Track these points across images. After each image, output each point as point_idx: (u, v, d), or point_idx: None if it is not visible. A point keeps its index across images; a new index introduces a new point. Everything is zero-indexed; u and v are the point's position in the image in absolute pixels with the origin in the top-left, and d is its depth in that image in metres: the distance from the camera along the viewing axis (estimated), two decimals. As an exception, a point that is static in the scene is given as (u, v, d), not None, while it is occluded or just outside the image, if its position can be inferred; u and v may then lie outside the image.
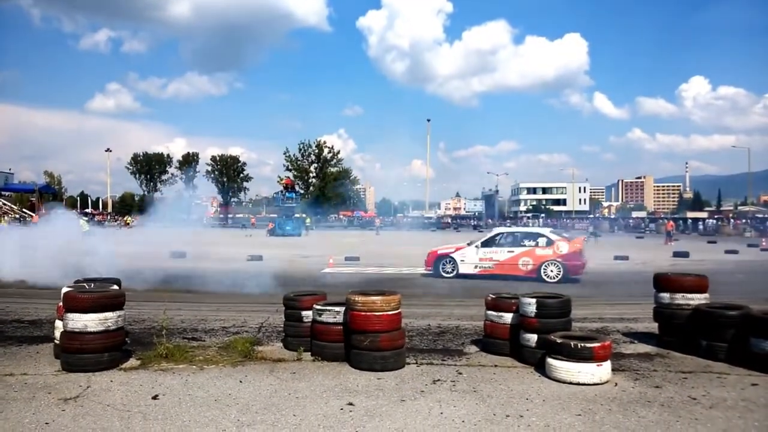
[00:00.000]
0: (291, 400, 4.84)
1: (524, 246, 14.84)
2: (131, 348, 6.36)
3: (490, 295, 6.71)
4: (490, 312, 6.61)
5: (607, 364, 5.34)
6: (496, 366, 6.02)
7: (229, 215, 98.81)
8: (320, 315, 6.18)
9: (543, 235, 15.20)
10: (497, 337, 6.49)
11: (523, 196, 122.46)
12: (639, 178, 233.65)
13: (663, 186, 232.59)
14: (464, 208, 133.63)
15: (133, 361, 6.00)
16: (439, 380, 5.46)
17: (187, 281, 14.04)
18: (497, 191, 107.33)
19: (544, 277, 14.17)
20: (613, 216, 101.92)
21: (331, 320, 6.13)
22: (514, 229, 18.54)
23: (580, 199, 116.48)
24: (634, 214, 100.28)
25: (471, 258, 15.25)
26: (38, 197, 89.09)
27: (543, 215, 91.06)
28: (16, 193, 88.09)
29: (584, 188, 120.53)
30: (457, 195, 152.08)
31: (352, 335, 5.86)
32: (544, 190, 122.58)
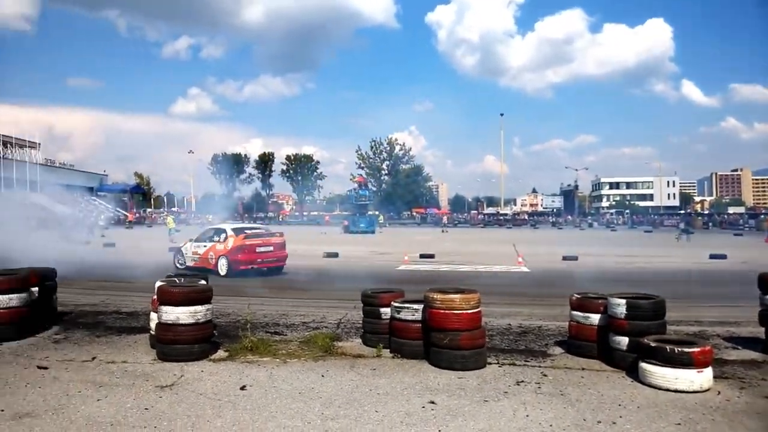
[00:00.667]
0: (372, 396, 4.86)
1: (213, 241, 15.49)
2: (219, 340, 6.63)
3: (575, 295, 6.45)
4: (575, 312, 6.35)
5: (708, 371, 4.98)
6: (583, 369, 5.77)
7: (304, 213, 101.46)
8: (399, 312, 6.18)
9: (224, 231, 15.68)
10: (583, 339, 6.24)
11: (606, 191, 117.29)
12: (735, 170, 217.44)
13: (763, 179, 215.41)
14: (541, 205, 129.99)
15: (221, 353, 6.25)
16: (522, 381, 5.31)
17: (267, 278, 14.49)
18: (576, 186, 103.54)
19: (219, 271, 14.68)
20: (706, 212, 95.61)
21: (410, 318, 6.10)
22: (216, 225, 18.97)
23: (668, 194, 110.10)
24: (731, 210, 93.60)
25: (188, 251, 16.07)
26: (130, 197, 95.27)
27: (627, 211, 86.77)
28: (110, 193, 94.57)
29: (673, 182, 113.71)
30: (534, 191, 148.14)
31: (431, 333, 5.82)
32: (628, 185, 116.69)
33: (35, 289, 7.49)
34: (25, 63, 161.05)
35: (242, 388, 5.06)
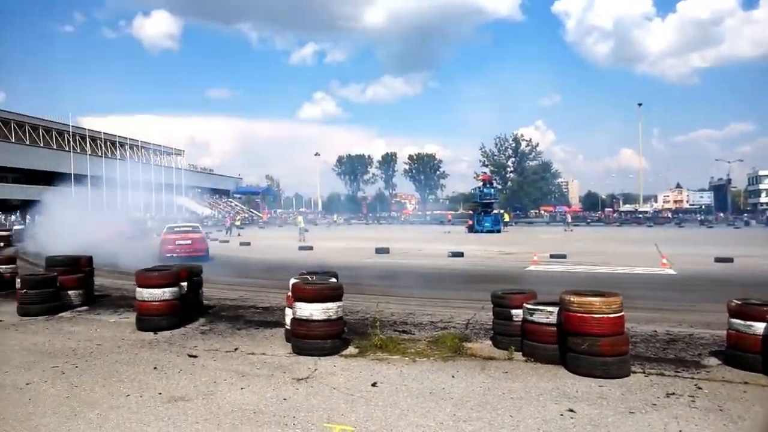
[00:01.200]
0: (506, 400, 4.68)
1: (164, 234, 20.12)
2: (348, 337, 6.79)
3: (734, 301, 5.75)
4: (734, 320, 5.66)
5: None
6: (745, 383, 5.12)
7: (427, 212, 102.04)
8: (531, 314, 5.91)
9: (166, 227, 20.85)
10: (745, 350, 5.54)
11: (765, 185, 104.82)
12: None
13: None
14: (687, 201, 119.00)
15: (351, 349, 6.39)
16: (673, 394, 4.82)
17: (393, 276, 14.69)
18: (729, 181, 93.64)
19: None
20: None
21: (544, 320, 5.81)
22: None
23: None
24: None
25: None
26: (262, 198, 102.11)
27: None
28: (244, 195, 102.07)
29: None
30: (678, 186, 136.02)
31: (567, 337, 5.49)
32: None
33: (184, 284, 8.21)
34: (171, 77, 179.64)
35: (373, 384, 5.12)
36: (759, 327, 5.42)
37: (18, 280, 9.06)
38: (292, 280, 6.70)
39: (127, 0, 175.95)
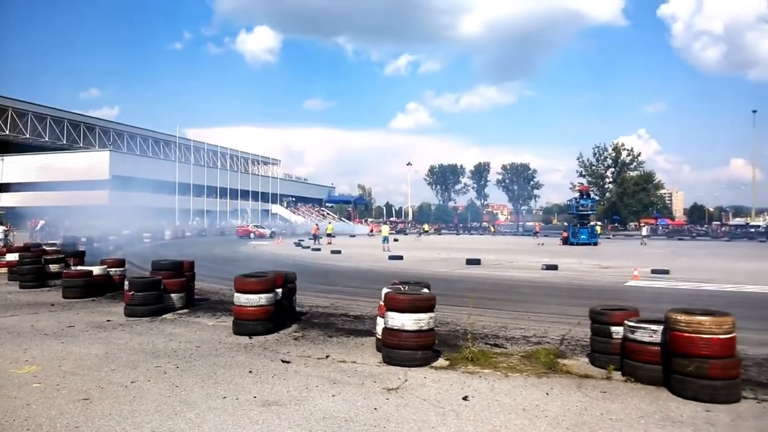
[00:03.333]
0: (604, 421, 4.49)
1: None
2: (439, 348, 6.77)
3: None
4: None
5: None
6: None
7: (520, 223, 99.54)
8: (633, 332, 5.63)
9: None
10: None
11: None
12: None
13: None
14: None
15: (441, 361, 6.38)
16: (791, 424, 4.41)
17: (484, 288, 14.48)
18: None
19: None
20: None
21: (647, 339, 5.51)
22: None
23: None
24: None
25: None
26: (354, 207, 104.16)
27: None
28: (336, 204, 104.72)
29: None
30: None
31: (672, 358, 5.18)
32: None
33: (279, 290, 8.50)
34: (269, 89, 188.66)
35: (464, 398, 5.08)
36: None
37: (126, 283, 9.73)
38: (385, 290, 6.79)
39: (232, 17, 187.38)
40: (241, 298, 7.94)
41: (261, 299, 7.91)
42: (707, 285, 15.27)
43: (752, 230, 69.98)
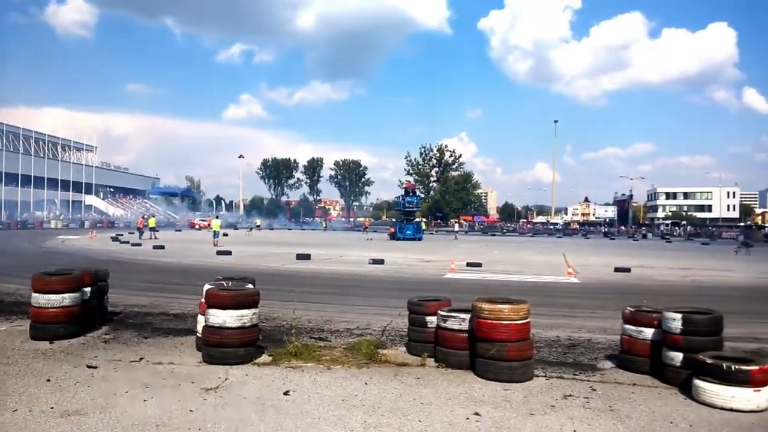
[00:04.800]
0: (416, 406, 4.78)
1: None
2: (263, 344, 6.68)
3: (628, 308, 6.21)
4: (627, 326, 6.12)
5: (766, 390, 4.68)
6: (634, 384, 5.54)
7: (351, 219, 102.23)
8: (445, 321, 6.08)
9: None
10: (636, 354, 6.00)
11: (661, 201, 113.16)
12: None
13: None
14: (594, 214, 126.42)
15: (265, 357, 6.30)
16: (570, 396, 5.13)
17: (313, 283, 14.62)
18: (631, 196, 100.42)
19: None
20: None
21: (456, 327, 5.99)
22: None
23: (728, 206, 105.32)
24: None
25: None
26: (181, 200, 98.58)
27: (684, 222, 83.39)
28: (161, 196, 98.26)
29: (733, 193, 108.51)
30: (586, 200, 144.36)
31: (477, 343, 5.69)
32: (686, 195, 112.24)
33: (88, 289, 7.71)
34: (85, 69, 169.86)
35: (286, 393, 5.07)
36: (648, 333, 5.89)
37: None
38: (206, 286, 6.51)
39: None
40: (40, 299, 7.04)
41: (65, 299, 7.08)
42: (513, 276, 17.12)
43: (551, 227, 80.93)
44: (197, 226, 61.67)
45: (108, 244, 30.47)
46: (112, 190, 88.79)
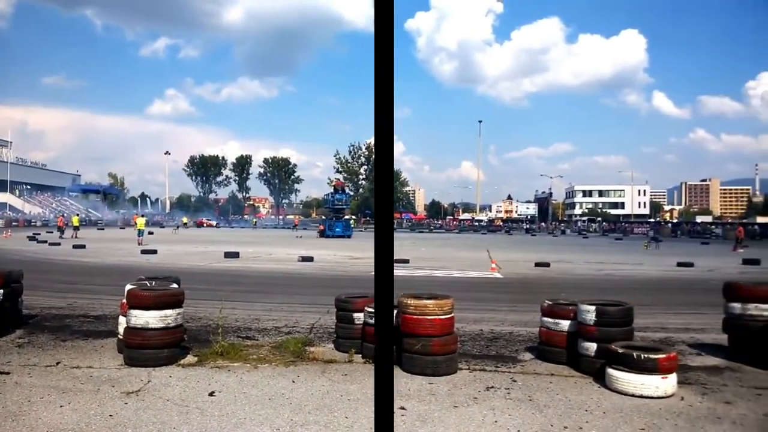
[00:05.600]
0: (343, 402, 4.84)
1: None
2: (189, 345, 6.53)
3: (547, 302, 6.54)
4: (546, 319, 6.43)
5: (673, 377, 5.09)
6: (552, 375, 5.85)
7: (281, 216, 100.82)
8: (372, 317, 6.17)
9: None
10: (553, 345, 6.32)
11: (579, 199, 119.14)
12: (704, 180, 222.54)
13: (730, 189, 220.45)
14: (516, 212, 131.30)
15: (190, 358, 6.16)
16: (492, 387, 5.35)
17: (241, 281, 14.37)
18: (551, 194, 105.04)
19: None
20: (675, 221, 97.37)
21: (383, 323, 6.08)
22: None
23: (639, 203, 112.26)
24: (699, 219, 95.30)
25: None
26: (102, 197, 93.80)
27: (599, 219, 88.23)
28: (82, 193, 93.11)
29: (644, 191, 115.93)
30: (509, 198, 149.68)
31: (403, 339, 5.81)
32: (601, 193, 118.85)
33: (0, 291, 7.29)
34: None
35: (211, 394, 4.99)
36: (565, 324, 6.22)
37: None
38: (128, 286, 6.29)
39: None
40: (-59, 303, 6.55)
41: (-28, 302, 6.62)
42: (438, 272, 17.52)
43: (477, 224, 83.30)
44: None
45: (24, 243, 28.75)
46: (29, 187, 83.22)
